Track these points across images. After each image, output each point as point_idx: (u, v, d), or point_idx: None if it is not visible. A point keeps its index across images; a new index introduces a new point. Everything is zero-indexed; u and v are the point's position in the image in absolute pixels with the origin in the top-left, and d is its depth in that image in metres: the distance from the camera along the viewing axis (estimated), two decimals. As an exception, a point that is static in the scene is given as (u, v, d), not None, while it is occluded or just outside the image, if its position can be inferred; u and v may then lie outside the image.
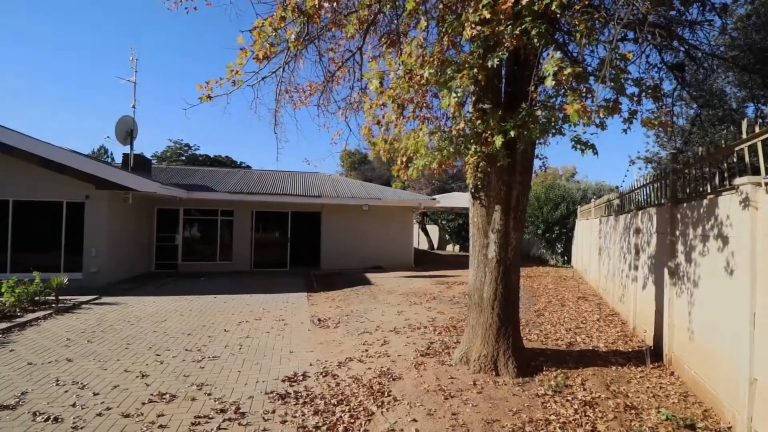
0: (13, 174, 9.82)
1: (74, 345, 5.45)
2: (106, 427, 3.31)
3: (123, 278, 11.20)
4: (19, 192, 9.96)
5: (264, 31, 3.58)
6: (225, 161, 44.06)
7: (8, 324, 6.30)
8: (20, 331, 6.13)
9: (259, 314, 7.45)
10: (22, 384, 4.15)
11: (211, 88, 3.60)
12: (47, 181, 9.92)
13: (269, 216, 14.72)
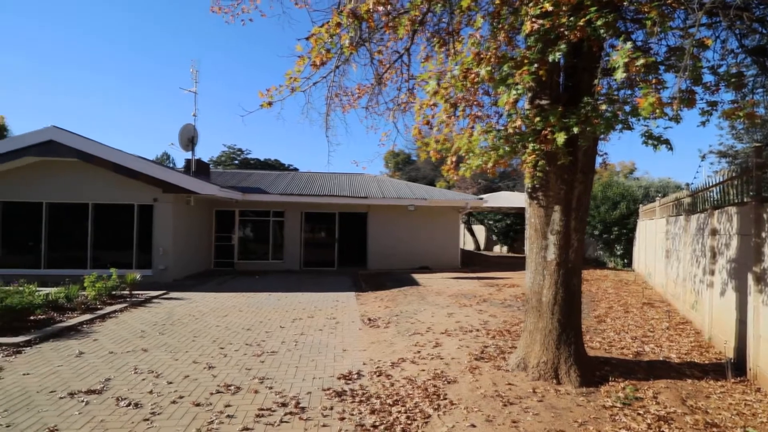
0: (92, 179, 10.88)
1: (148, 336, 5.93)
2: (180, 414, 3.57)
3: (187, 275, 12.03)
4: (97, 195, 11.03)
5: (320, 38, 3.69)
6: (274, 164, 45.98)
7: (91, 315, 6.99)
8: (101, 322, 6.78)
9: (312, 312, 7.68)
10: (106, 371, 4.58)
11: (271, 96, 3.77)
12: (121, 186, 10.90)
13: (318, 217, 15.15)
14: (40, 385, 4.15)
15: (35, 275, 9.92)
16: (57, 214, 11.04)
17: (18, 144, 10.27)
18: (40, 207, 10.93)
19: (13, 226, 10.93)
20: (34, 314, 6.65)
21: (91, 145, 10.36)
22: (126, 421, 3.40)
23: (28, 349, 5.26)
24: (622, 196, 15.28)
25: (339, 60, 4.50)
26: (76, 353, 5.12)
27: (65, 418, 3.45)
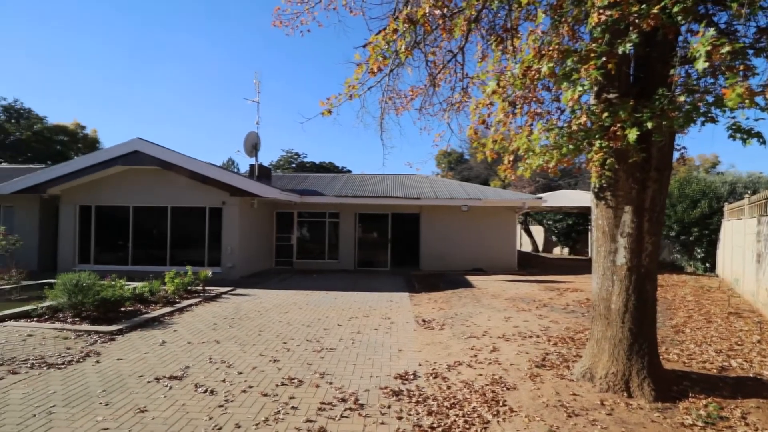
0: (171, 185, 12.00)
1: (220, 329, 6.44)
2: (250, 402, 3.84)
3: (251, 273, 12.84)
4: (174, 199, 12.14)
5: (377, 45, 3.78)
6: (328, 167, 47.51)
7: (171, 308, 7.72)
8: (179, 314, 7.46)
9: (367, 311, 7.85)
10: (185, 359, 5.04)
11: (331, 104, 3.94)
12: (194, 191, 11.90)
13: (371, 217, 15.42)
14: (131, 369, 4.67)
15: (123, 271, 11.16)
16: (141, 217, 12.34)
17: (108, 155, 11.64)
18: (127, 210, 12.28)
19: (105, 228, 12.39)
20: (124, 306, 7.48)
21: (170, 154, 11.44)
22: (204, 407, 3.73)
23: (120, 337, 5.94)
24: (702, 193, 13.79)
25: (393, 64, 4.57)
26: (159, 342, 5.69)
27: (152, 401, 3.86)
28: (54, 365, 4.70)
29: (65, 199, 12.22)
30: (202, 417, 3.53)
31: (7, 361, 4.77)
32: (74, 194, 12.19)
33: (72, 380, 4.30)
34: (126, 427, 3.33)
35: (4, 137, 32.07)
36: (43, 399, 3.83)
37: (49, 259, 12.79)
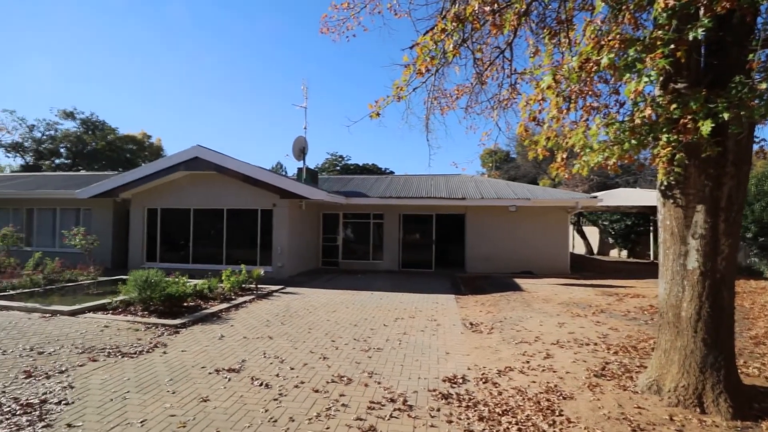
0: (226, 188, 12.72)
1: (272, 325, 6.72)
2: (302, 398, 3.97)
3: (300, 272, 13.29)
4: (229, 202, 12.86)
5: (425, 46, 3.77)
6: (372, 168, 48.03)
7: (227, 305, 8.17)
8: (235, 311, 7.87)
9: (412, 313, 7.83)
10: (241, 353, 5.31)
11: (379, 106, 3.98)
12: (247, 193, 12.53)
13: (415, 218, 15.38)
14: (194, 361, 5.00)
15: (185, 269, 11.98)
16: (200, 218, 13.19)
17: (171, 162, 12.56)
18: (188, 212, 13.19)
19: (169, 229, 13.38)
20: (186, 301, 8.02)
21: (225, 159, 12.14)
22: (260, 399, 3.91)
23: (184, 330, 6.38)
24: (787, 190, 12.34)
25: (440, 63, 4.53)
26: (218, 336, 6.05)
27: (213, 391, 4.10)
28: (127, 354, 5.14)
29: (135, 202, 13.36)
30: (259, 409, 3.70)
31: (87, 350, 5.29)
32: (142, 198, 13.30)
33: (143, 369, 4.68)
34: (191, 415, 3.57)
35: (82, 147, 35.68)
36: (119, 385, 4.20)
37: (121, 257, 14.03)
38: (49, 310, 7.19)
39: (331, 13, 5.66)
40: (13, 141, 34.32)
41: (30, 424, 3.35)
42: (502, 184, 16.76)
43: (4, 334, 5.88)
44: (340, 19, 5.69)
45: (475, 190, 15.08)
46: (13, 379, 4.29)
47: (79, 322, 6.60)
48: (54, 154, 35.58)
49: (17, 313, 7.17)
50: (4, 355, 5.02)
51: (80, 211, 14.62)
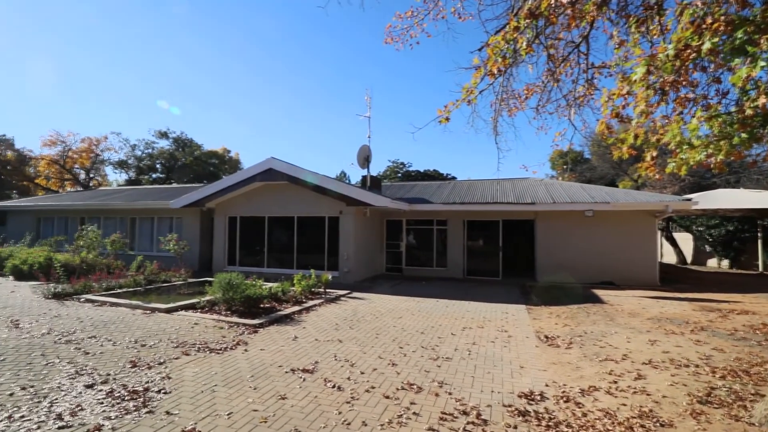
0: (296, 197, 13.43)
1: (341, 329, 6.90)
2: (374, 403, 4.00)
3: (365, 278, 13.54)
4: (299, 210, 13.55)
5: (497, 46, 3.65)
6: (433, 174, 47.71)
7: (299, 307, 8.56)
8: (306, 313, 8.22)
9: (480, 322, 7.56)
10: (314, 355, 5.51)
11: (448, 111, 3.93)
12: (315, 201, 13.11)
13: (480, 225, 14.93)
14: (272, 359, 5.29)
15: (261, 273, 12.82)
16: (274, 226, 14.07)
17: (248, 174, 13.57)
18: (263, 220, 14.14)
19: (247, 235, 14.44)
20: (263, 303, 8.55)
21: (296, 170, 12.85)
22: (333, 401, 4.02)
23: (261, 330, 6.80)
24: None
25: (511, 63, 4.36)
26: (292, 337, 6.35)
27: (290, 390, 4.30)
28: (214, 350, 5.60)
29: (218, 211, 14.64)
30: (332, 411, 3.79)
31: (180, 344, 5.85)
32: (224, 207, 14.54)
33: (227, 364, 5.05)
34: (271, 411, 3.77)
35: (174, 162, 40.09)
36: (208, 378, 4.58)
37: (207, 261, 15.43)
38: (149, 307, 8.10)
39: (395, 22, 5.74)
40: (119, 159, 39.66)
41: (136, 409, 3.77)
42: (576, 187, 15.63)
43: (114, 327, 6.73)
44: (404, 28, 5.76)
45: (545, 194, 14.24)
46: (122, 367, 4.87)
47: (173, 319, 7.35)
48: (151, 170, 40.44)
49: (124, 309, 8.18)
50: (114, 345, 5.74)
51: (173, 220, 16.38)
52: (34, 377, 4.48)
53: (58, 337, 6.08)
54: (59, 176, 37.81)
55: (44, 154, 36.26)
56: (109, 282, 10.35)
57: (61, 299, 9.06)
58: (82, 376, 4.53)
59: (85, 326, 6.73)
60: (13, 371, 4.65)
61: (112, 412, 3.68)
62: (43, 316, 7.44)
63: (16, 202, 21.10)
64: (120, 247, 13.39)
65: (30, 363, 4.93)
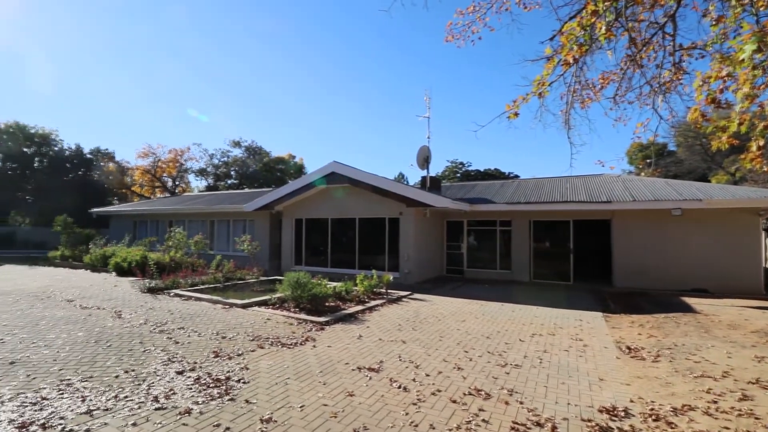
0: (357, 199, 13.74)
1: (404, 330, 6.91)
2: (440, 406, 3.93)
3: (425, 279, 13.46)
4: (360, 211, 13.84)
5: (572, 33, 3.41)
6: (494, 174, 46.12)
7: (362, 307, 8.73)
8: (369, 313, 8.35)
9: (551, 329, 7.12)
10: (378, 354, 5.57)
11: (517, 105, 3.75)
12: (376, 203, 13.30)
13: (548, 225, 14.11)
14: (338, 357, 5.44)
15: (325, 272, 13.31)
16: (336, 227, 14.53)
17: (312, 178, 14.17)
18: (326, 222, 14.67)
19: (312, 236, 15.08)
20: (328, 301, 8.86)
21: (357, 172, 13.16)
22: (399, 401, 4.02)
23: (328, 328, 7.03)
24: None
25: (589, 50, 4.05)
26: (357, 336, 6.49)
27: (357, 387, 4.38)
28: (285, 345, 5.90)
29: (285, 213, 15.48)
30: (399, 411, 3.80)
31: (255, 338, 6.25)
32: (291, 210, 15.33)
33: (298, 359, 5.30)
34: (340, 407, 3.87)
35: (246, 169, 43.16)
36: (281, 371, 4.83)
37: (276, 260, 16.38)
38: (227, 303, 8.78)
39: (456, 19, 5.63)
40: (199, 167, 43.65)
41: (219, 396, 4.09)
42: (660, 182, 14.13)
43: (198, 320, 7.38)
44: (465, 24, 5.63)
45: (622, 191, 13.06)
46: (206, 357, 5.32)
47: (248, 314, 7.88)
48: (227, 176, 43.94)
49: (206, 303, 8.95)
50: (199, 336, 6.29)
51: (246, 222, 17.63)
52: (134, 362, 5.06)
53: (153, 327, 6.81)
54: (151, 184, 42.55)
55: (138, 165, 41.11)
56: (193, 279, 11.41)
57: (154, 293, 10.16)
58: (174, 363, 5.02)
59: (174, 318, 7.47)
60: (118, 356, 5.29)
61: (199, 398, 4.03)
62: (140, 308, 8.39)
63: (117, 208, 24.11)
64: (202, 247, 14.70)
65: (131, 349, 5.58)
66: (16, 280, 12.55)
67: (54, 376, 4.54)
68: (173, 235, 14.56)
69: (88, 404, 3.82)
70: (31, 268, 16.42)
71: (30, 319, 7.25)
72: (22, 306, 8.40)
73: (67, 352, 5.41)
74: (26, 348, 5.53)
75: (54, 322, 7.00)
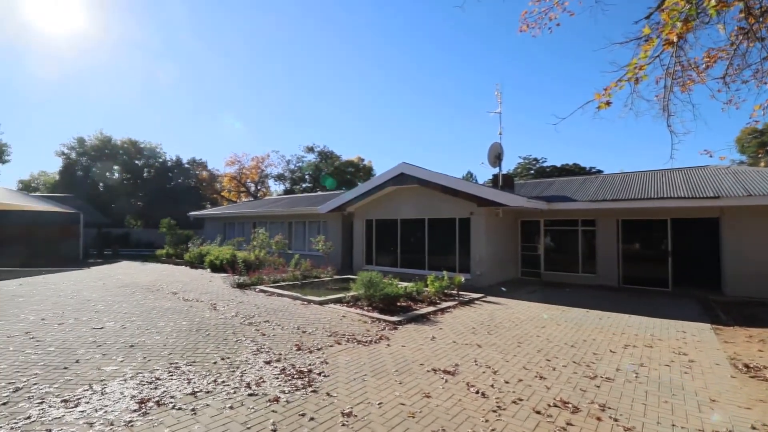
0: (427, 199, 13.67)
1: (478, 334, 6.71)
2: (522, 416, 3.74)
3: (498, 282, 12.95)
4: (430, 212, 13.75)
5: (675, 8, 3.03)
6: (573, 169, 42.88)
7: (433, 308, 8.65)
8: (441, 315, 8.25)
9: (648, 341, 6.40)
10: (453, 357, 5.47)
11: (609, 93, 3.42)
12: (445, 203, 13.11)
13: (639, 225, 12.73)
14: (413, 357, 5.45)
15: (395, 272, 13.45)
16: (406, 228, 14.61)
17: (382, 179, 14.40)
18: (396, 222, 14.82)
19: (382, 237, 15.35)
20: (399, 301, 8.93)
21: (426, 173, 13.11)
22: (478, 407, 3.91)
23: (400, 327, 7.09)
24: None
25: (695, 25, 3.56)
26: (430, 337, 6.45)
27: (433, 389, 4.35)
28: (361, 342, 6.07)
29: (356, 215, 15.95)
30: (479, 417, 3.68)
31: (333, 334, 6.51)
32: (362, 211, 15.76)
33: (373, 356, 5.41)
34: (417, 408, 3.87)
35: (319, 173, 45.37)
36: (358, 367, 4.97)
37: (347, 260, 16.96)
38: (306, 299, 9.29)
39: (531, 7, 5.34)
40: (278, 173, 46.90)
41: (303, 387, 4.33)
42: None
43: (281, 314, 7.91)
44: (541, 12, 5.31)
45: (733, 184, 11.30)
46: (290, 349, 5.67)
47: (325, 311, 8.26)
48: (301, 180, 46.64)
49: (287, 299, 9.56)
50: (282, 330, 6.73)
51: (320, 223, 18.51)
52: (228, 350, 5.58)
53: (243, 319, 7.45)
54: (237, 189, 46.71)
55: (227, 172, 45.40)
56: (275, 276, 12.27)
57: (242, 288, 11.12)
58: (262, 354, 5.43)
59: (260, 312, 8.09)
60: (215, 344, 5.87)
61: (285, 387, 4.31)
62: (231, 301, 9.23)
63: (209, 211, 26.84)
64: (282, 246, 15.75)
65: (225, 339, 6.16)
66: (132, 274, 14.58)
67: (164, 359, 5.18)
68: (257, 236, 15.79)
69: (193, 386, 4.30)
70: (143, 264, 18.97)
71: (144, 308, 8.37)
72: (138, 297, 9.73)
73: (174, 338, 6.14)
74: (142, 334, 6.39)
75: (162, 312, 7.99)
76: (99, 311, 8.03)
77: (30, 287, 11.17)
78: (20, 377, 4.48)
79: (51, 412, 3.64)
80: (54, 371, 4.69)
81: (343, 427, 3.48)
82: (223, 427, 3.44)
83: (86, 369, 4.77)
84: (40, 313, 7.82)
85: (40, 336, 6.17)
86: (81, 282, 12.34)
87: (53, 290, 10.64)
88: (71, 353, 5.36)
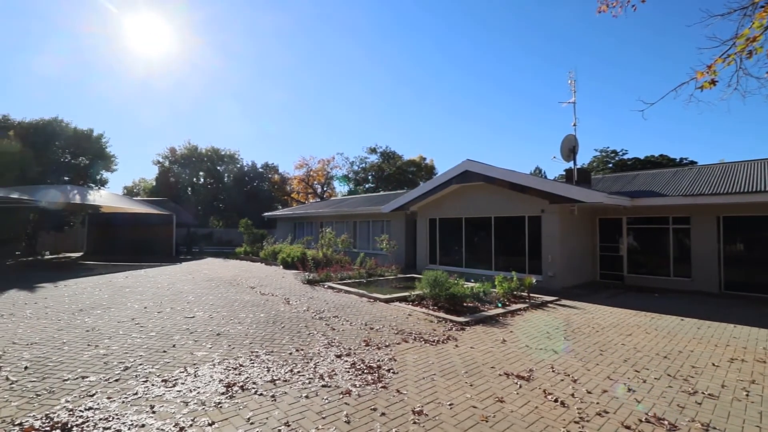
0: (493, 197, 13.17)
1: (554, 339, 6.30)
2: (609, 429, 3.43)
3: (573, 284, 12.06)
4: (496, 210, 13.24)
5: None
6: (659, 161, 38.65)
7: (503, 310, 8.30)
8: (511, 317, 7.89)
9: (760, 354, 5.53)
10: (527, 362, 5.19)
11: (714, 71, 2.99)
12: (513, 201, 12.53)
13: (747, 222, 11.04)
14: (483, 359, 5.28)
15: (459, 272, 13.16)
16: (470, 226, 14.24)
17: (445, 177, 14.17)
18: (460, 221, 14.51)
19: (445, 236, 15.12)
20: (465, 302, 8.71)
21: (491, 169, 12.65)
22: (557, 416, 3.66)
23: (468, 328, 6.91)
24: None
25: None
26: (500, 340, 6.20)
27: (507, 394, 4.16)
28: (428, 341, 6.02)
29: (420, 214, 15.90)
30: (559, 428, 3.45)
31: (399, 332, 6.54)
32: (425, 210, 15.67)
33: (441, 356, 5.33)
34: (490, 412, 3.73)
35: (381, 173, 46.05)
36: (426, 366, 4.94)
37: (411, 259, 16.97)
38: (371, 296, 9.46)
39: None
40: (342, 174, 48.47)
41: (373, 382, 4.40)
42: None
43: (348, 310, 8.13)
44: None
45: None
46: (358, 344, 5.80)
47: (390, 308, 8.33)
48: (365, 181, 47.68)
49: (353, 296, 9.81)
50: (351, 325, 6.91)
51: (383, 222, 18.76)
52: (302, 343, 5.86)
53: (314, 314, 7.79)
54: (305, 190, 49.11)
55: (296, 175, 47.96)
56: (342, 273, 12.68)
57: (312, 285, 11.65)
58: (332, 347, 5.63)
59: (329, 307, 8.41)
60: (289, 336, 6.21)
61: (356, 381, 4.41)
62: (303, 296, 9.71)
63: (281, 212, 28.54)
64: (347, 245, 16.24)
65: (298, 332, 6.48)
66: (216, 270, 16.00)
67: (246, 348, 5.59)
68: (324, 235, 16.46)
69: (272, 374, 4.58)
70: (224, 260, 20.73)
71: (227, 300, 9.13)
72: (221, 290, 10.64)
73: (254, 329, 6.61)
74: (226, 323, 6.97)
75: (243, 304, 8.65)
76: (190, 302, 8.93)
77: (134, 279, 12.78)
78: (128, 357, 5.13)
79: (153, 390, 4.11)
80: (155, 354, 5.29)
81: (415, 425, 3.47)
82: (300, 415, 3.62)
83: (181, 353, 5.32)
84: (143, 302, 8.89)
85: (143, 322, 7.01)
86: (174, 276, 13.82)
87: (152, 283, 12.05)
88: (168, 338, 6.01)
